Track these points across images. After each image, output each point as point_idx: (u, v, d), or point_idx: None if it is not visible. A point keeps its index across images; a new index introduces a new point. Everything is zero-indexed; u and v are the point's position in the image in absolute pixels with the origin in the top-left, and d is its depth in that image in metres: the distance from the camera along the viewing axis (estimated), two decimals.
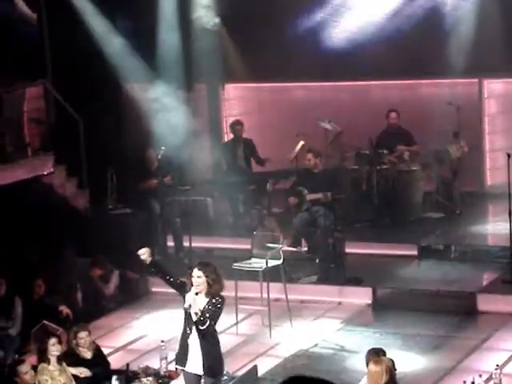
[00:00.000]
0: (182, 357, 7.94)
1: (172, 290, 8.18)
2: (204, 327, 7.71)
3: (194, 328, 7.82)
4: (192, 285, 7.81)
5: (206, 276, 7.76)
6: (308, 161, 12.24)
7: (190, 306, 7.73)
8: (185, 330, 7.90)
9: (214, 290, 7.79)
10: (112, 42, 13.85)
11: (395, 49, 14.01)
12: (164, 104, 14.05)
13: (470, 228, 13.03)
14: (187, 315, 7.83)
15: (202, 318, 7.69)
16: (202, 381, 7.97)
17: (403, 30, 14.17)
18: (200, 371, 7.89)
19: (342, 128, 13.52)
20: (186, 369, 7.94)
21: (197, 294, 7.78)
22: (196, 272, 7.79)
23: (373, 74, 13.97)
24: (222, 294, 7.95)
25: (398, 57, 13.88)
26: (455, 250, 12.25)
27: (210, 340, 7.85)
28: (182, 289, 7.90)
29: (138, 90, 14.18)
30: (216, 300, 7.81)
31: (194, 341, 7.84)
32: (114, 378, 8.96)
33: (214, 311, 7.80)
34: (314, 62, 14.18)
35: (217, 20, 15.05)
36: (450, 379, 9.18)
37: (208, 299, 7.81)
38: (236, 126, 14.03)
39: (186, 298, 7.81)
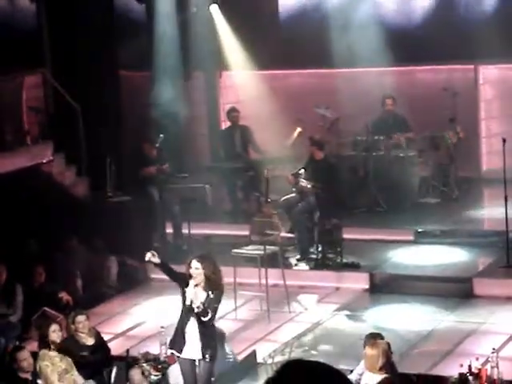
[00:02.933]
0: (178, 343, 8.03)
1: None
2: (206, 319, 7.82)
3: (192, 317, 7.91)
4: (190, 275, 7.90)
5: (204, 268, 7.84)
6: (308, 148, 12.25)
7: (191, 301, 7.83)
8: (182, 317, 7.98)
9: (212, 283, 7.87)
10: (110, 30, 13.87)
11: (391, 35, 14.04)
12: (162, 92, 14.10)
13: (466, 213, 13.09)
14: (186, 306, 7.92)
15: (203, 311, 7.80)
16: (198, 366, 8.06)
17: (399, 17, 14.22)
18: (197, 356, 7.98)
19: (338, 115, 13.57)
20: (183, 355, 8.03)
21: (196, 285, 7.87)
22: (194, 264, 7.87)
23: (369, 60, 14.00)
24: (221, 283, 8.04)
25: (394, 43, 13.89)
26: (451, 235, 12.33)
27: (207, 327, 7.94)
28: (184, 282, 7.98)
29: (136, 78, 14.21)
30: (215, 293, 7.90)
31: (191, 328, 7.92)
32: (114, 366, 9.04)
33: (213, 304, 7.89)
34: (310, 49, 14.21)
35: (213, 7, 15.07)
36: (447, 363, 9.24)
37: (207, 292, 7.89)
38: (232, 112, 14.06)
39: (187, 293, 7.88)
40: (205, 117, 15.23)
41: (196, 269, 7.85)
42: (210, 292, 7.90)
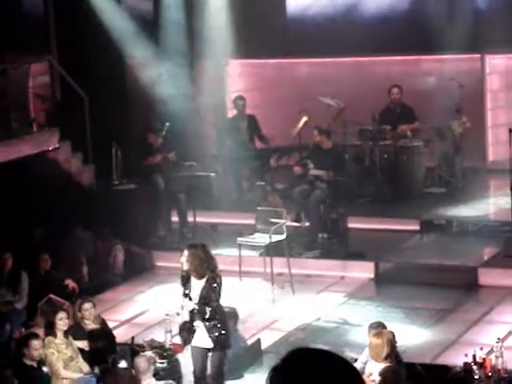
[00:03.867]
0: (187, 333, 8.07)
1: (176, 265, 8.32)
2: (206, 316, 7.86)
3: (196, 308, 7.95)
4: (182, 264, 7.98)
5: (194, 256, 7.88)
6: (315, 137, 12.23)
7: (189, 293, 7.89)
8: (189, 308, 8.01)
9: (204, 270, 7.90)
10: (117, 18, 13.86)
11: (397, 24, 14.01)
12: (168, 80, 14.08)
13: (472, 203, 13.08)
14: (189, 297, 7.96)
15: (203, 304, 7.85)
16: (210, 354, 8.09)
17: (405, 6, 14.18)
18: (208, 345, 8.01)
19: (344, 104, 13.55)
20: (193, 343, 8.06)
21: (189, 276, 7.91)
22: (185, 252, 7.98)
23: (375, 49, 13.97)
24: (219, 272, 8.08)
25: (400, 32, 13.86)
26: (457, 225, 12.32)
27: (215, 317, 7.97)
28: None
29: (142, 66, 14.20)
30: (211, 281, 7.93)
31: (198, 318, 7.96)
32: (119, 353, 9.06)
33: (212, 294, 7.91)
34: (316, 38, 14.19)
35: None
36: (452, 352, 9.26)
37: (203, 282, 7.92)
38: (238, 100, 14.03)
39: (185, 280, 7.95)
40: (211, 105, 15.20)
41: (185, 256, 7.93)
42: (205, 282, 7.93)
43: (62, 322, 8.84)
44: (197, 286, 7.95)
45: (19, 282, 10.75)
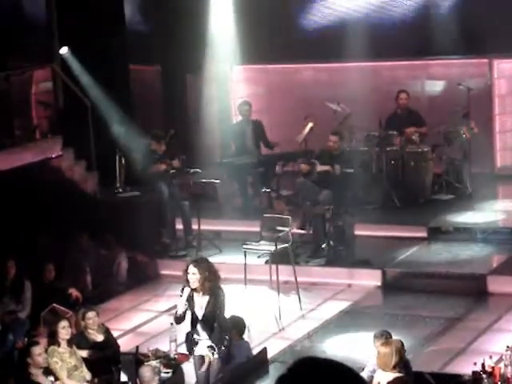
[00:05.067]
0: (190, 345, 8.00)
1: (181, 273, 8.24)
2: (215, 325, 7.79)
3: (200, 323, 7.88)
4: (187, 281, 7.88)
5: (200, 273, 7.83)
6: (333, 143, 12.09)
7: (193, 309, 7.79)
8: (192, 322, 7.93)
9: (208, 286, 7.86)
10: (121, 24, 13.79)
11: (405, 29, 13.92)
12: (173, 85, 14.01)
13: (480, 209, 12.96)
14: (192, 312, 7.88)
15: (209, 318, 7.78)
16: (212, 364, 7.99)
17: (413, 10, 14.09)
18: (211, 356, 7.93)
19: (350, 109, 13.46)
20: (196, 353, 7.98)
21: (194, 290, 7.85)
22: (191, 269, 7.92)
23: (382, 54, 13.88)
24: (221, 286, 8.03)
25: (407, 37, 13.79)
26: (465, 232, 12.20)
27: (218, 330, 7.90)
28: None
29: (146, 72, 14.14)
30: (216, 297, 7.87)
31: (201, 332, 7.89)
32: (125, 366, 8.97)
33: (218, 309, 7.85)
34: (322, 43, 14.10)
35: (226, 1, 14.96)
36: (460, 361, 9.16)
37: (208, 297, 7.86)
38: (244, 106, 13.93)
39: (187, 296, 7.85)
40: (215, 111, 15.12)
41: (193, 274, 7.87)
42: (210, 297, 7.87)
43: (64, 330, 8.78)
44: (201, 300, 7.89)
45: (22, 292, 10.68)
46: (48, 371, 8.60)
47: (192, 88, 14.35)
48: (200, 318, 7.88)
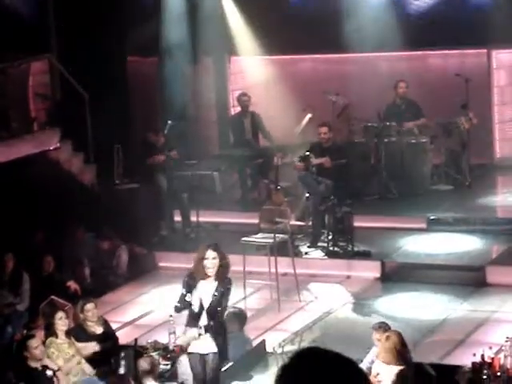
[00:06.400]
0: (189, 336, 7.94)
1: (180, 265, 8.17)
2: (217, 313, 7.72)
3: (203, 312, 7.79)
4: (202, 267, 7.71)
5: (220, 258, 7.68)
6: (323, 134, 12.07)
7: (200, 300, 7.72)
8: (192, 313, 7.85)
9: (222, 273, 7.73)
10: (118, 15, 13.72)
11: (403, 20, 13.87)
12: (170, 78, 13.97)
13: (479, 200, 12.94)
14: (197, 301, 7.79)
15: (215, 306, 7.70)
16: (209, 359, 7.94)
17: (410, 1, 14.04)
18: (206, 351, 7.87)
19: (349, 101, 13.42)
20: (192, 349, 7.93)
21: (205, 276, 7.71)
22: (211, 253, 7.68)
23: (380, 45, 13.83)
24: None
25: (405, 28, 13.74)
26: (464, 223, 12.18)
27: (218, 322, 7.83)
28: (191, 287, 7.84)
29: (144, 64, 14.09)
30: (225, 285, 7.78)
31: (202, 323, 7.82)
32: (122, 355, 8.94)
33: (225, 298, 7.78)
34: (320, 34, 14.05)
35: None
36: (460, 352, 9.14)
37: (216, 284, 7.76)
38: (243, 97, 13.90)
39: (197, 291, 7.75)
40: (213, 103, 15.08)
41: (213, 258, 7.67)
42: (218, 284, 7.76)
43: (61, 321, 8.77)
44: (208, 288, 7.76)
45: (21, 284, 10.65)
46: (47, 365, 8.58)
47: (190, 79, 14.29)
48: (206, 305, 7.76)
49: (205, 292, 7.77)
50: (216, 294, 7.74)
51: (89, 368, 8.81)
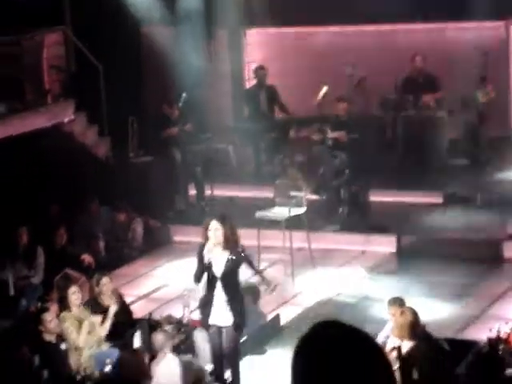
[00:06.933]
0: (205, 311, 7.93)
1: (194, 239, 8.16)
2: (229, 291, 7.70)
3: (218, 282, 7.78)
4: (207, 238, 7.75)
5: (224, 229, 7.70)
6: (342, 110, 12.01)
7: (210, 262, 7.71)
8: (208, 283, 7.84)
9: (231, 243, 7.74)
10: None
11: None
12: (185, 50, 13.87)
13: (497, 174, 12.83)
14: (210, 271, 7.78)
15: (227, 274, 7.68)
16: (226, 331, 7.93)
17: None
18: (223, 323, 7.86)
19: (365, 73, 13.29)
20: (209, 321, 7.92)
21: (214, 246, 7.73)
22: (214, 224, 7.73)
23: (397, 17, 13.68)
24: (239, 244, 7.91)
25: (422, 0, 13.58)
26: (481, 197, 12.08)
27: (234, 293, 7.81)
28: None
29: (159, 36, 13.99)
30: (236, 254, 7.77)
31: (218, 295, 7.80)
32: (136, 328, 8.94)
33: (236, 267, 7.76)
34: (337, 5, 13.90)
35: None
36: (476, 327, 9.10)
37: (227, 254, 7.75)
38: (259, 70, 13.80)
39: (205, 254, 7.75)
40: (228, 76, 14.96)
41: (216, 229, 7.70)
42: (230, 254, 7.75)
43: (74, 295, 8.77)
44: (220, 259, 7.77)
45: (35, 257, 10.66)
46: (62, 338, 8.59)
47: (205, 51, 14.19)
48: (219, 276, 7.76)
49: (217, 262, 7.77)
50: (228, 263, 7.75)
51: (103, 341, 8.81)
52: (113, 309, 8.94)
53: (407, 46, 13.74)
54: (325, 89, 12.90)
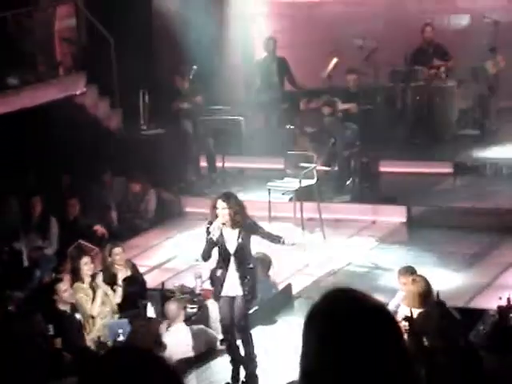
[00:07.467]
0: (218, 284, 8.00)
1: (205, 210, 8.23)
2: (244, 259, 7.79)
3: (231, 258, 7.86)
4: (216, 216, 7.84)
5: (230, 208, 7.80)
6: (352, 82, 12.03)
7: (216, 237, 7.80)
8: (221, 259, 7.92)
9: (238, 221, 7.83)
10: None
11: None
12: (195, 21, 13.85)
13: (507, 144, 12.83)
14: (222, 248, 7.86)
15: (241, 251, 7.76)
16: (237, 301, 8.01)
17: None
18: (235, 293, 7.94)
19: (376, 44, 13.27)
20: (223, 293, 7.99)
21: (223, 224, 7.82)
22: (220, 204, 7.83)
23: None
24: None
25: None
26: (491, 167, 12.10)
27: (247, 269, 7.91)
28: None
29: (170, 8, 13.97)
30: (245, 231, 7.88)
31: (230, 269, 7.88)
32: (149, 298, 9.02)
33: (247, 243, 7.86)
34: None
35: None
36: (486, 295, 9.15)
37: (238, 230, 7.85)
38: (269, 41, 13.76)
39: (211, 230, 7.83)
40: (238, 47, 14.94)
41: (223, 209, 7.81)
42: (240, 229, 7.85)
43: (86, 266, 8.85)
44: (232, 234, 7.86)
45: (49, 228, 10.73)
46: (76, 308, 8.68)
47: (215, 23, 14.16)
48: (232, 252, 7.86)
49: (229, 239, 7.87)
50: (239, 239, 7.84)
51: (116, 311, 8.90)
52: (121, 276, 9.02)
53: (417, 17, 13.69)
54: (335, 60, 12.89)
